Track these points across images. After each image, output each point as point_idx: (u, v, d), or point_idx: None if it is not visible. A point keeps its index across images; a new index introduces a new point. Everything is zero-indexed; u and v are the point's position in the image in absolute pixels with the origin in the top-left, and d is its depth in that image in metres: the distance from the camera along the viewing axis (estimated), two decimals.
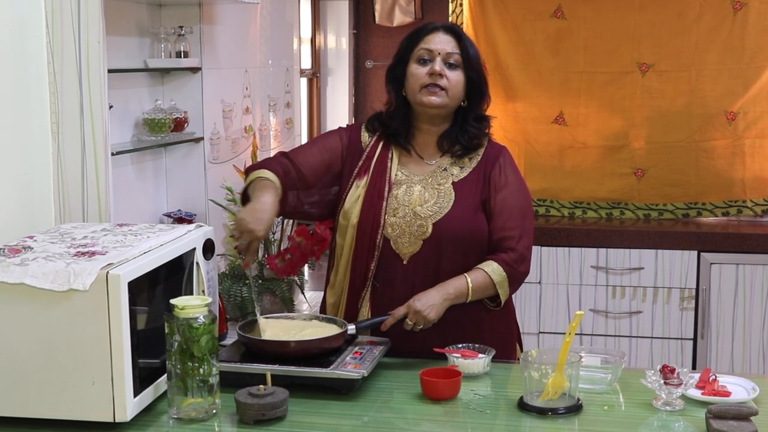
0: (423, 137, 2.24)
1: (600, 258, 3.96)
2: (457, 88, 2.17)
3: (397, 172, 2.22)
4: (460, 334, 2.13)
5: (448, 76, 2.16)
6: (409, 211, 2.17)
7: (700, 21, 4.08)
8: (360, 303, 2.19)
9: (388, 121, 2.25)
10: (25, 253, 1.76)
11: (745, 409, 1.71)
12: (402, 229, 2.16)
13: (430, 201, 2.17)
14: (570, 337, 1.81)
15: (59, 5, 2.15)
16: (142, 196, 2.91)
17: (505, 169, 2.23)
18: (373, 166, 2.22)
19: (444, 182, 2.19)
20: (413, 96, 2.19)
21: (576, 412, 1.80)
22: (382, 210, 2.17)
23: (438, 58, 2.16)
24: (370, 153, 2.24)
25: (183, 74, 3.01)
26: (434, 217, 2.15)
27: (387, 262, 2.16)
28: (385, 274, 2.17)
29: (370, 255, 2.16)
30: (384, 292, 2.17)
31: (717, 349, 3.91)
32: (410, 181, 2.20)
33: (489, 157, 2.22)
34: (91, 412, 1.69)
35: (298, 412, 1.79)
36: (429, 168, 2.22)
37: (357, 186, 2.21)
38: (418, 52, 2.19)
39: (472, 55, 2.20)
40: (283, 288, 2.94)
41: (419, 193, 2.18)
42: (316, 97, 4.73)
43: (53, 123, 2.18)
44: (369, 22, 4.70)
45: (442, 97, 2.16)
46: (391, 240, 2.16)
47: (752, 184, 4.13)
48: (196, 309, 1.73)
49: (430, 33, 2.20)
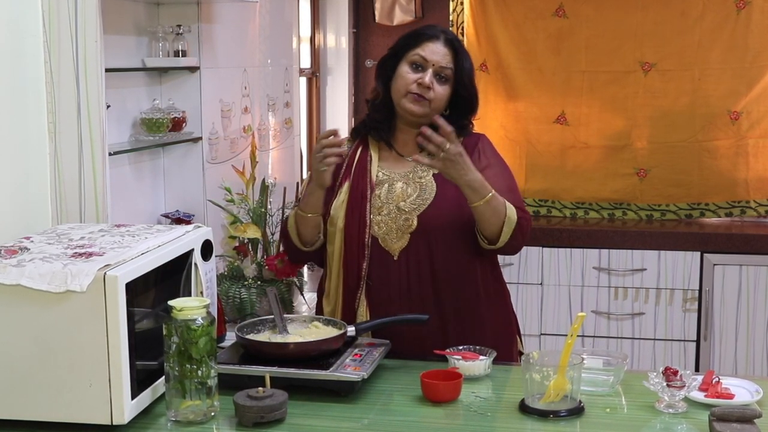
0: (403, 136, 2.27)
1: (602, 259, 3.94)
2: (441, 101, 2.20)
3: (378, 173, 2.24)
4: (459, 328, 2.14)
5: (435, 89, 2.18)
6: (393, 207, 2.19)
7: (703, 20, 4.06)
8: (356, 304, 2.20)
9: (373, 113, 2.27)
10: (22, 254, 1.75)
11: (748, 412, 1.71)
12: (388, 226, 2.18)
13: (413, 195, 2.20)
14: (572, 338, 1.80)
15: (56, 4, 2.14)
16: (140, 197, 2.90)
17: (484, 152, 2.25)
18: (353, 170, 2.25)
19: (425, 175, 2.22)
20: (397, 98, 2.21)
21: (578, 414, 1.80)
22: (367, 210, 2.19)
23: (430, 69, 2.18)
24: (350, 159, 2.27)
25: (181, 73, 3.00)
26: (418, 210, 2.18)
27: (378, 260, 2.18)
28: (377, 273, 2.18)
29: (360, 255, 2.18)
30: (378, 290, 2.19)
31: (720, 351, 3.90)
32: (391, 179, 2.23)
33: (467, 146, 2.22)
34: (89, 415, 1.68)
35: (298, 415, 1.79)
36: (409, 164, 2.24)
37: (340, 192, 2.23)
38: (412, 56, 2.20)
39: (466, 70, 2.21)
40: (282, 289, 2.93)
41: (401, 189, 2.21)
42: (316, 96, 4.72)
43: (50, 123, 2.17)
44: (369, 20, 4.69)
45: (424, 107, 2.18)
46: (379, 238, 2.19)
47: (756, 185, 4.12)
48: (194, 310, 1.72)
49: (430, 40, 2.20)
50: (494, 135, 2.51)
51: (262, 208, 3.12)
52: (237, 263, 3.08)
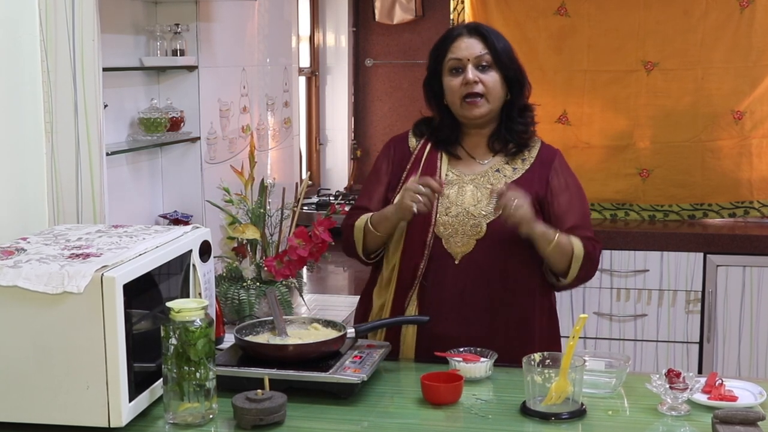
0: (473, 139, 2.24)
1: (604, 260, 3.93)
2: (495, 89, 2.17)
3: (447, 173, 2.21)
4: (508, 341, 2.12)
5: (483, 80, 2.15)
6: (462, 210, 2.16)
7: (706, 18, 4.04)
8: (407, 302, 2.18)
9: (437, 133, 2.25)
10: (18, 255, 1.75)
11: (752, 414, 1.70)
12: (455, 228, 2.15)
13: (483, 201, 2.16)
14: (574, 340, 1.80)
15: (53, 2, 2.13)
16: (138, 197, 2.89)
17: (563, 172, 2.23)
18: (421, 166, 2.21)
19: (497, 183, 2.18)
20: (455, 109, 2.19)
21: (580, 417, 1.79)
22: (434, 207, 2.14)
23: (469, 64, 2.16)
24: (418, 155, 2.24)
25: (179, 73, 3.00)
26: (489, 217, 2.14)
27: (437, 261, 2.15)
28: (435, 274, 2.15)
29: (419, 254, 2.14)
30: (432, 291, 2.15)
31: (723, 353, 3.88)
32: (462, 182, 2.20)
33: (543, 159, 2.22)
34: (86, 418, 1.67)
35: (297, 417, 1.78)
36: (481, 168, 2.22)
37: None
38: (448, 63, 2.18)
39: (502, 50, 2.19)
40: (282, 290, 2.92)
41: (471, 192, 2.18)
42: (315, 95, 4.71)
43: (47, 122, 2.17)
44: (369, 19, 4.68)
45: (483, 106, 2.16)
46: (443, 239, 2.15)
47: (759, 185, 4.10)
48: (192, 312, 1.71)
49: (456, 40, 2.19)
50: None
51: (261, 208, 3.11)
52: (236, 264, 3.06)
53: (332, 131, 4.87)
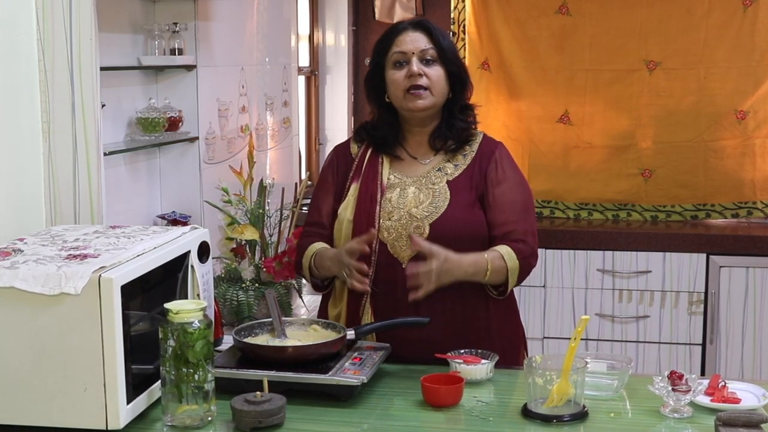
0: (414, 138, 2.23)
1: (606, 261, 3.92)
2: (439, 83, 2.16)
3: (389, 176, 2.20)
4: (466, 338, 2.10)
5: (427, 74, 2.14)
6: (404, 213, 2.15)
7: (708, 17, 4.03)
8: (361, 311, 2.17)
9: (374, 132, 2.23)
10: (15, 256, 1.74)
11: (755, 416, 1.69)
12: (398, 233, 2.14)
13: (426, 202, 2.15)
14: (575, 342, 1.79)
15: (50, 1, 2.13)
16: (136, 198, 2.88)
17: (501, 163, 2.20)
18: (363, 172, 2.21)
19: (438, 182, 2.17)
20: (398, 102, 2.18)
21: (581, 419, 1.78)
22: (376, 214, 2.15)
23: (413, 57, 2.15)
24: (360, 161, 2.23)
25: (177, 72, 2.99)
26: (431, 218, 2.13)
27: (386, 267, 2.14)
28: (384, 280, 2.14)
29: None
30: (385, 297, 2.14)
31: (726, 355, 3.87)
32: (403, 184, 2.19)
33: (484, 152, 2.20)
34: (83, 420, 1.67)
35: (296, 420, 1.77)
36: (423, 168, 2.20)
37: (348, 194, 2.20)
38: (392, 56, 2.17)
39: (446, 47, 2.18)
40: (281, 292, 2.91)
41: (414, 194, 2.16)
42: (315, 95, 4.70)
43: (44, 122, 2.17)
44: (369, 18, 4.67)
45: (427, 98, 2.15)
46: (388, 244, 2.14)
47: (762, 185, 4.09)
48: (191, 313, 1.71)
49: (400, 34, 2.18)
50: (496, 135, 2.46)
51: (260, 209, 3.10)
52: (234, 265, 3.06)
53: (332, 131, 4.87)
